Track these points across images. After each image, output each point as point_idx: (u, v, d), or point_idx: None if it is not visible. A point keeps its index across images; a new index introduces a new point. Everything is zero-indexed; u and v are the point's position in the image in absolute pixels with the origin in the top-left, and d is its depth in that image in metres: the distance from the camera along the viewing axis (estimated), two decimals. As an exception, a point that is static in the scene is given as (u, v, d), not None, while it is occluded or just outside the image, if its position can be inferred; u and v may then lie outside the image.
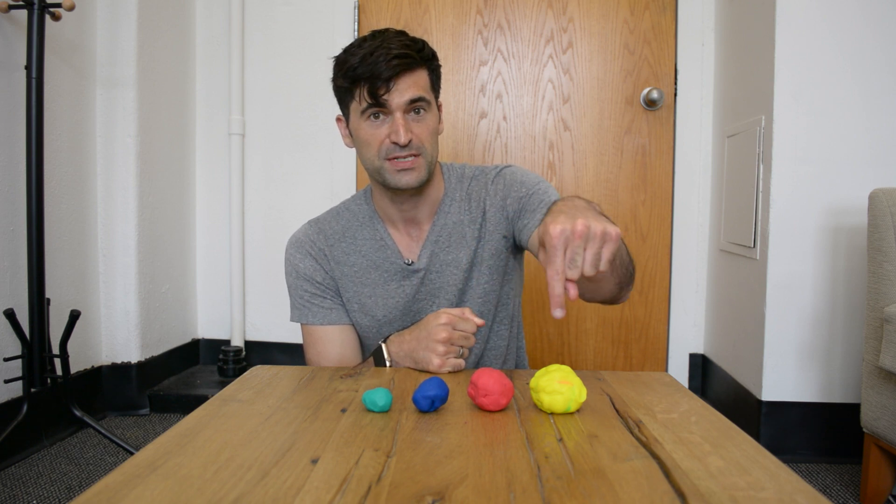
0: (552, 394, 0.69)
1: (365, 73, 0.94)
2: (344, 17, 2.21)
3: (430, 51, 1.02)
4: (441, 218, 1.10)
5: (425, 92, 1.00)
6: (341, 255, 1.11)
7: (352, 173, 2.24)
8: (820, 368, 1.70)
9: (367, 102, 0.97)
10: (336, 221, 1.14)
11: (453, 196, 1.11)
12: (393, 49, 0.94)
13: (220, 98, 2.29)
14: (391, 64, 0.94)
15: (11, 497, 1.41)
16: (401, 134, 0.96)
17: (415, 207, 1.08)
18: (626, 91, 2.16)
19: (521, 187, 1.08)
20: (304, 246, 1.13)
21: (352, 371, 0.91)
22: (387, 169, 1.00)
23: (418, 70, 0.99)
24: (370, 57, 0.94)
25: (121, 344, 2.00)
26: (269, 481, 0.52)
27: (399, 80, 0.96)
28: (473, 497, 0.49)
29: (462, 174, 1.13)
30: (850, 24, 1.63)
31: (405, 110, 0.98)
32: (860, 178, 1.64)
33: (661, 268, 2.19)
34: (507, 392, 0.71)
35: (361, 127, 1.01)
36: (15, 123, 1.61)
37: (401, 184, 1.00)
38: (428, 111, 1.01)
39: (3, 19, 1.58)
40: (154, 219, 2.07)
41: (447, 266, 1.09)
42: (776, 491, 0.51)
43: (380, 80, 0.95)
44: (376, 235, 1.11)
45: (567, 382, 0.70)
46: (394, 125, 0.97)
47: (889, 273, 1.36)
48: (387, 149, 0.99)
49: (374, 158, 1.01)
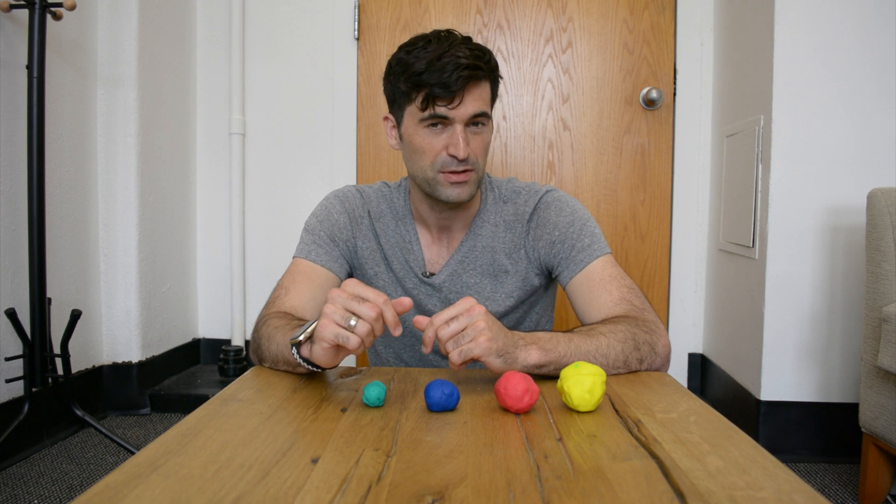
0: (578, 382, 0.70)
1: (431, 80, 0.90)
2: (344, 16, 2.21)
3: (495, 62, 0.98)
4: (471, 237, 1.07)
5: (487, 106, 0.97)
6: (371, 234, 1.09)
7: (352, 173, 2.24)
8: (818, 368, 1.70)
9: (430, 112, 0.93)
10: (378, 202, 1.11)
11: (487, 217, 1.08)
12: (461, 59, 0.90)
13: (221, 98, 2.29)
14: (462, 75, 0.89)
15: (13, 497, 1.41)
16: (461, 149, 0.93)
17: (451, 217, 1.06)
18: (625, 91, 2.16)
19: (553, 230, 1.04)
20: (346, 202, 1.10)
21: (353, 371, 0.91)
22: (440, 181, 0.97)
23: (484, 83, 0.95)
24: (437, 63, 0.90)
25: (122, 343, 2.00)
26: (270, 481, 0.52)
27: (466, 93, 0.92)
28: (473, 497, 0.50)
29: (499, 194, 1.09)
30: (850, 24, 1.63)
31: (466, 123, 0.95)
32: (859, 177, 1.64)
33: (661, 267, 2.19)
34: (532, 394, 0.71)
35: (417, 134, 0.96)
36: (16, 123, 1.61)
37: (451, 197, 0.97)
38: (486, 125, 0.98)
39: (4, 19, 1.58)
40: (155, 218, 2.07)
41: (468, 289, 1.07)
42: (775, 490, 0.51)
43: (447, 91, 0.90)
44: (406, 235, 1.09)
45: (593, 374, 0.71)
46: (454, 138, 0.94)
47: (887, 272, 1.36)
48: (443, 161, 0.96)
49: (427, 168, 0.97)
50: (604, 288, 0.98)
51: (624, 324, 0.90)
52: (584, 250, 1.02)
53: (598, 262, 1.01)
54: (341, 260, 1.08)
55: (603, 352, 0.85)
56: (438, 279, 1.08)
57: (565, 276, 1.03)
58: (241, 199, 2.30)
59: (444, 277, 1.08)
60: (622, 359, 0.87)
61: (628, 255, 2.19)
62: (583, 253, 1.01)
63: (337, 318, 0.73)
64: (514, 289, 1.08)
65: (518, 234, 1.07)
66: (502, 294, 1.08)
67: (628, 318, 0.92)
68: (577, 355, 0.83)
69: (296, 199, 2.29)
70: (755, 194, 1.74)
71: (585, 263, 1.01)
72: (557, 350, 0.83)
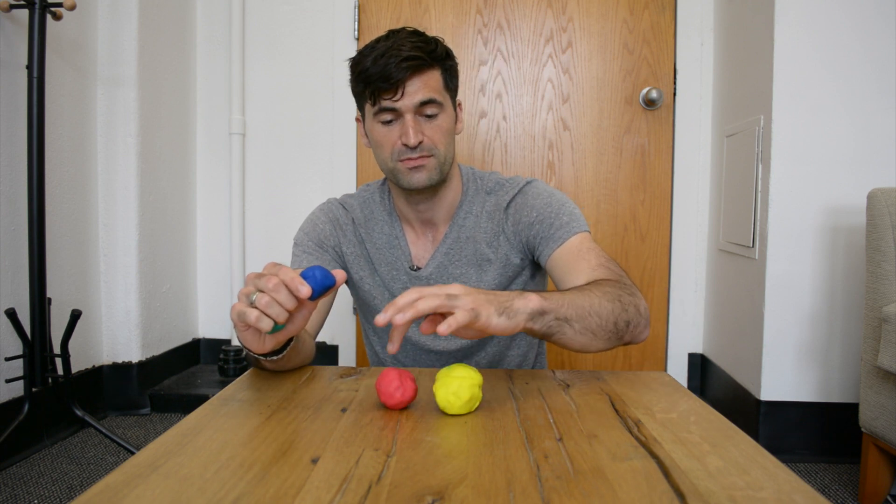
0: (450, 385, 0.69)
1: (376, 75, 0.94)
2: (344, 16, 2.21)
3: (444, 49, 1.01)
4: (455, 228, 1.09)
5: (437, 93, 0.99)
6: (356, 240, 1.12)
7: (352, 173, 2.24)
8: (818, 368, 1.70)
9: (378, 106, 0.97)
10: (360, 208, 1.14)
11: (470, 208, 1.10)
12: (403, 51, 0.94)
13: (221, 98, 2.29)
14: (401, 66, 0.93)
15: (13, 497, 1.41)
16: (410, 136, 0.96)
17: (430, 209, 1.08)
18: (625, 91, 2.16)
19: (531, 212, 1.05)
20: (329, 213, 1.13)
21: (353, 371, 0.91)
22: (399, 170, 1.00)
23: (430, 71, 0.98)
24: (381, 59, 0.94)
25: (122, 343, 2.00)
26: (270, 481, 0.52)
27: (409, 83, 0.95)
28: (473, 497, 0.50)
29: (481, 185, 1.11)
30: (850, 24, 1.63)
31: (416, 112, 0.98)
32: (859, 177, 1.64)
33: (660, 267, 2.19)
34: (406, 390, 0.70)
35: (375, 128, 1.01)
36: (16, 123, 1.61)
37: (412, 183, 1.00)
38: (441, 112, 1.00)
39: (4, 19, 1.58)
40: (155, 218, 2.07)
41: (454, 280, 1.09)
42: (775, 490, 0.51)
43: (389, 83, 0.94)
44: (392, 233, 1.11)
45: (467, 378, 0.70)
46: (403, 127, 0.97)
47: (887, 272, 1.36)
48: (398, 150, 0.99)
49: (387, 160, 1.01)
50: (582, 257, 0.99)
51: (608, 286, 0.89)
52: (562, 227, 1.02)
53: (576, 237, 1.01)
54: (332, 263, 1.11)
55: (596, 309, 0.83)
56: (426, 272, 1.10)
57: (545, 254, 1.03)
58: (241, 199, 2.30)
59: (431, 270, 1.09)
60: (612, 319, 0.84)
61: (628, 255, 2.19)
62: (561, 230, 1.02)
63: (242, 297, 0.72)
64: (496, 275, 1.09)
65: (497, 221, 1.09)
66: (486, 283, 1.09)
67: (610, 281, 0.91)
68: (574, 308, 0.80)
69: (296, 199, 2.29)
70: (755, 194, 1.74)
71: (564, 239, 1.01)
72: (554, 298, 0.79)
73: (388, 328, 1.13)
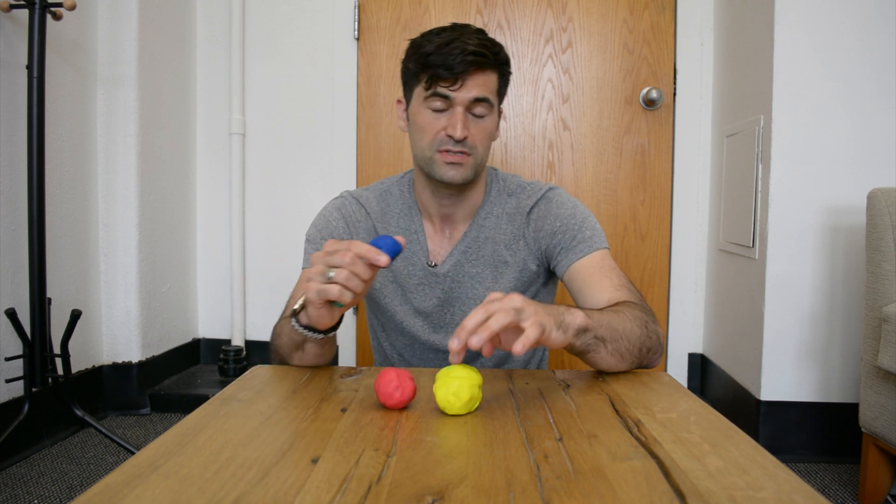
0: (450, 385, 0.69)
1: (437, 62, 0.95)
2: (344, 16, 2.21)
3: (506, 56, 1.02)
4: (475, 228, 1.09)
5: (491, 94, 1.00)
6: (370, 235, 1.11)
7: (352, 173, 2.24)
8: (818, 368, 1.70)
9: (432, 91, 0.97)
10: (377, 200, 1.13)
11: (491, 209, 1.10)
12: (470, 45, 0.94)
13: (221, 98, 2.29)
14: (466, 59, 0.94)
15: (13, 497, 1.41)
16: (458, 128, 0.96)
17: (453, 205, 1.08)
18: (625, 91, 2.16)
19: (555, 221, 1.06)
20: (343, 209, 1.12)
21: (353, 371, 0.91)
22: (436, 160, 1.00)
23: (490, 71, 0.99)
24: (446, 47, 0.94)
25: (122, 343, 2.00)
26: (270, 481, 0.52)
27: (469, 77, 0.96)
28: (473, 497, 0.50)
29: (503, 187, 1.12)
30: (850, 24, 1.63)
31: (467, 107, 0.98)
32: (859, 177, 1.64)
33: (661, 267, 2.19)
34: (404, 391, 0.70)
35: (421, 113, 1.00)
36: (16, 123, 1.61)
37: (446, 177, 1.00)
38: (489, 114, 1.01)
39: (4, 19, 1.58)
40: (155, 218, 2.07)
41: (470, 279, 1.09)
42: (775, 490, 0.51)
43: (451, 73, 0.95)
44: (411, 227, 1.11)
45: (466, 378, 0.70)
46: (452, 118, 0.97)
47: (887, 272, 1.36)
48: (440, 140, 0.99)
49: (425, 147, 1.01)
50: (605, 275, 1.00)
51: (637, 310, 0.91)
52: (585, 241, 1.04)
53: (598, 252, 1.03)
54: None
55: (627, 333, 0.85)
56: (442, 269, 1.09)
57: (564, 264, 1.04)
58: (241, 199, 2.30)
59: (447, 268, 1.09)
60: (638, 344, 0.87)
61: (628, 255, 2.19)
62: (584, 244, 1.04)
63: (316, 276, 0.75)
64: (513, 279, 1.09)
65: (518, 225, 1.09)
66: (502, 285, 1.09)
67: (637, 305, 0.93)
68: (609, 329, 0.82)
69: (296, 199, 2.29)
70: (755, 194, 1.74)
71: (586, 253, 1.03)
72: (594, 317, 0.81)
73: (396, 326, 1.13)
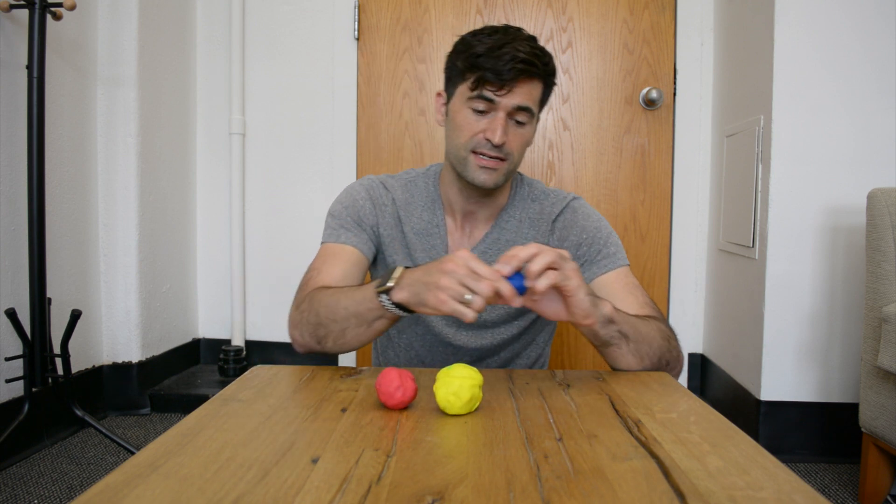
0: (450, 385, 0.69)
1: (487, 65, 0.94)
2: (344, 16, 2.21)
3: (554, 67, 1.01)
4: (497, 230, 1.10)
5: (534, 104, 1.00)
6: (395, 221, 1.11)
7: (352, 173, 2.24)
8: (818, 368, 1.70)
9: (478, 93, 0.96)
10: (402, 189, 1.13)
11: (514, 212, 1.11)
12: (521, 52, 0.93)
13: (221, 98, 2.29)
14: (516, 67, 0.93)
15: (13, 497, 1.41)
16: (498, 134, 0.96)
17: (478, 204, 1.08)
18: (625, 91, 2.16)
19: (581, 232, 1.08)
20: (371, 190, 1.11)
21: (353, 370, 0.91)
22: (470, 161, 1.00)
23: (537, 81, 0.98)
24: (497, 51, 0.93)
25: (122, 343, 2.00)
26: (270, 481, 0.52)
27: (516, 85, 0.95)
28: (473, 497, 0.50)
29: (528, 192, 1.12)
30: (850, 24, 1.63)
31: (509, 113, 0.98)
32: (859, 177, 1.64)
33: (661, 267, 2.19)
34: (406, 390, 0.71)
35: (462, 111, 1.00)
36: (16, 123, 1.61)
37: (477, 180, 1.00)
38: (529, 122, 1.01)
39: (4, 19, 1.58)
40: (155, 218, 2.07)
41: None
42: (775, 490, 0.51)
43: (499, 78, 0.94)
44: (433, 220, 1.10)
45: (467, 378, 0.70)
46: (493, 123, 0.97)
47: (887, 272, 1.36)
48: (477, 142, 0.99)
49: (461, 147, 1.01)
50: (629, 291, 1.03)
51: (664, 325, 0.96)
52: (609, 256, 1.06)
53: (623, 269, 1.06)
54: (369, 243, 1.09)
55: (649, 339, 0.89)
56: None
57: (587, 276, 1.05)
58: (241, 199, 2.30)
59: None
60: (658, 354, 0.91)
61: (628, 256, 2.18)
62: (608, 259, 1.06)
63: (453, 293, 0.77)
64: None
65: (542, 232, 1.10)
66: None
67: (661, 320, 0.97)
68: (634, 329, 0.88)
69: (296, 199, 2.29)
70: (755, 194, 1.74)
71: (610, 268, 1.05)
72: (621, 314, 0.87)
73: (407, 324, 1.12)
